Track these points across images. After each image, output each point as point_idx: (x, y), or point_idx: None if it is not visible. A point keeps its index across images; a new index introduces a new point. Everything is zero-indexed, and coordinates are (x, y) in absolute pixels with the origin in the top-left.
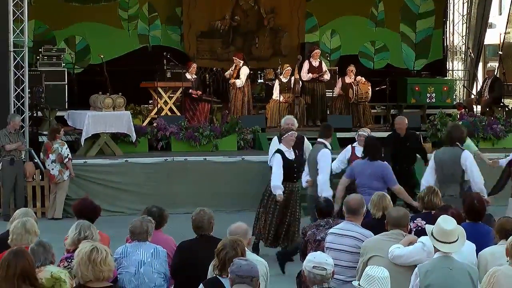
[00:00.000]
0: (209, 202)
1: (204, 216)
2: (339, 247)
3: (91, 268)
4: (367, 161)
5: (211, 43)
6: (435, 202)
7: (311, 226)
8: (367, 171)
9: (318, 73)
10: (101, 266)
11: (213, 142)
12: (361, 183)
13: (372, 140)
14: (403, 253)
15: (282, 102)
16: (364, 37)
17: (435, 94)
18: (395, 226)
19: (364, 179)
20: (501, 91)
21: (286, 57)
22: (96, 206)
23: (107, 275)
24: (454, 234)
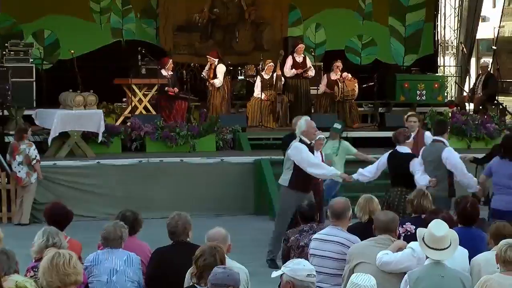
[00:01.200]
0: (186, 206)
1: (179, 220)
2: (323, 254)
3: (55, 273)
4: (507, 161)
5: (189, 37)
6: (425, 206)
7: (294, 231)
8: (507, 171)
9: (302, 69)
10: (65, 269)
11: (190, 143)
12: (498, 182)
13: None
14: (392, 259)
15: (263, 100)
16: (350, 31)
17: (425, 91)
18: (383, 231)
19: (502, 178)
20: (495, 88)
21: (268, 52)
22: (68, 211)
23: (74, 279)
24: (445, 240)
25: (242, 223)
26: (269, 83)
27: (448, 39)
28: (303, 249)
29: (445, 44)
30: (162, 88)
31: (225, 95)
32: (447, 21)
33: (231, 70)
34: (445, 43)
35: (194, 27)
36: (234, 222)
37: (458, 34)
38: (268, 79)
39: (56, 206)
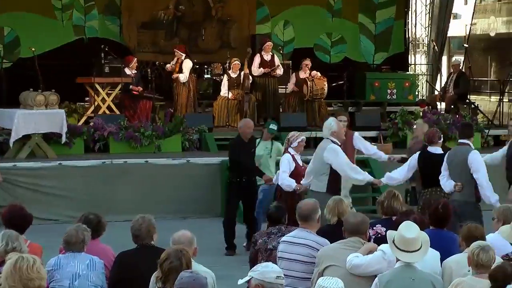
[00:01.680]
0: (151, 208)
1: (143, 223)
2: (291, 257)
3: (17, 278)
4: None
5: (154, 35)
6: (395, 207)
7: (262, 234)
8: None
9: (270, 68)
10: (28, 273)
11: (155, 143)
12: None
13: None
14: (362, 262)
15: (231, 99)
16: (319, 28)
17: (396, 90)
18: (353, 233)
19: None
20: (467, 87)
21: (235, 50)
22: (27, 214)
23: (37, 284)
24: (416, 242)
25: (208, 226)
26: (236, 82)
27: (419, 37)
28: (271, 252)
29: (416, 42)
30: (126, 87)
31: (191, 94)
32: (418, 19)
33: (197, 68)
34: (416, 41)
35: (158, 24)
36: (200, 225)
37: (429, 31)
38: (235, 77)
39: (13, 208)
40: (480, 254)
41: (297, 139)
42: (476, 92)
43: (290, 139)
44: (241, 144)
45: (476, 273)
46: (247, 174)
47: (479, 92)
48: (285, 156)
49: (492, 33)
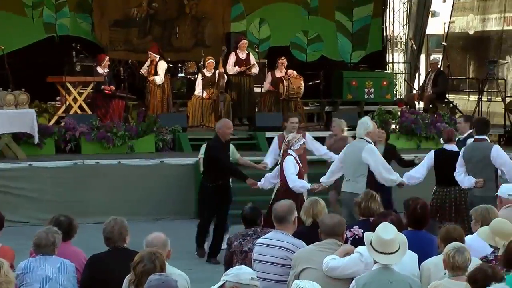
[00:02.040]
0: (123, 210)
1: (115, 226)
2: (267, 259)
3: None
4: None
5: (126, 33)
6: (373, 208)
7: (237, 236)
8: None
9: (246, 66)
10: None
11: (128, 143)
12: None
13: None
14: (339, 264)
15: (205, 98)
16: (296, 26)
17: (373, 89)
18: (329, 235)
19: None
20: (445, 86)
21: (209, 48)
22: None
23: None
24: (394, 244)
25: (182, 228)
26: (211, 80)
27: (396, 35)
28: (246, 254)
29: (394, 40)
30: (98, 86)
31: (165, 94)
32: (395, 16)
33: (171, 67)
34: (393, 39)
35: (131, 22)
36: (174, 227)
37: (407, 29)
38: (209, 76)
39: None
40: (456, 256)
41: (298, 141)
42: (455, 91)
43: (291, 142)
44: (220, 145)
45: (452, 276)
46: (224, 177)
47: (458, 91)
48: (289, 158)
49: (470, 31)
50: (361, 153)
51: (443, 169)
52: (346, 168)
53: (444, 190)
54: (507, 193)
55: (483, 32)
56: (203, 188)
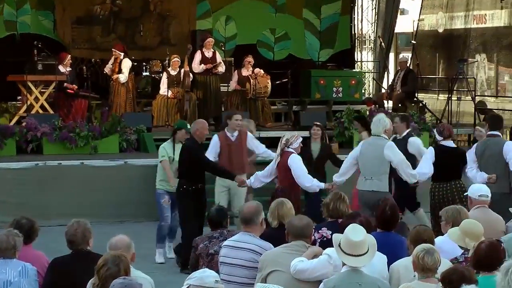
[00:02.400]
0: (87, 212)
1: (78, 228)
2: (234, 262)
3: None
4: None
5: (89, 31)
6: (342, 210)
7: (203, 239)
8: None
9: (212, 65)
10: None
11: (91, 144)
12: None
13: None
14: (307, 267)
15: (170, 97)
16: (263, 24)
17: (342, 88)
18: (297, 237)
19: None
20: (414, 85)
21: (175, 46)
22: None
23: None
24: (363, 246)
25: (147, 230)
26: (176, 79)
27: (365, 33)
28: (212, 257)
29: (363, 38)
30: (61, 85)
31: (129, 93)
32: (364, 14)
33: (135, 66)
34: (362, 37)
35: (94, 19)
36: (138, 229)
37: (376, 27)
38: (175, 75)
39: None
40: (425, 258)
41: (297, 140)
42: (424, 90)
43: (290, 140)
44: (198, 147)
45: (422, 277)
46: (203, 179)
47: (427, 90)
48: (295, 157)
49: (440, 29)
50: (383, 150)
51: (441, 165)
52: (365, 166)
53: (442, 186)
54: (477, 194)
55: (452, 30)
56: (182, 194)
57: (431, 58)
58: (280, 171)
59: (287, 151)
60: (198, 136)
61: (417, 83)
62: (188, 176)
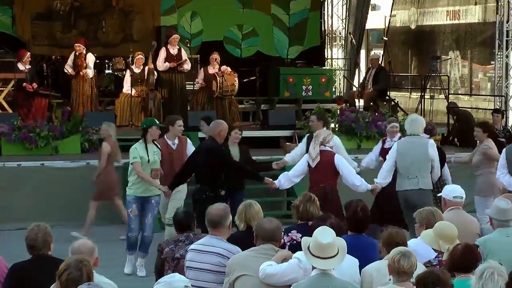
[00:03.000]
0: (47, 215)
1: (38, 232)
2: (201, 266)
3: None
4: None
5: (49, 27)
6: (311, 212)
7: (169, 242)
8: None
9: (177, 62)
10: None
11: (52, 144)
12: None
13: None
14: (276, 271)
15: (134, 96)
16: (230, 20)
17: (311, 87)
18: (265, 240)
19: None
20: (386, 83)
21: (138, 43)
22: None
23: None
24: (332, 248)
25: (111, 234)
26: (140, 77)
27: (335, 29)
28: (178, 261)
29: (333, 35)
30: (20, 83)
31: (91, 91)
32: (334, 10)
33: (97, 63)
34: (332, 34)
35: (55, 15)
36: (102, 233)
37: (346, 24)
38: (138, 73)
39: None
40: (401, 261)
41: (331, 137)
42: (396, 88)
43: (327, 139)
44: (221, 148)
45: (397, 281)
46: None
47: (400, 88)
48: (340, 156)
49: (412, 25)
50: (428, 149)
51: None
52: (408, 166)
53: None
54: (451, 195)
55: (425, 26)
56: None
57: (403, 55)
58: (319, 171)
59: (325, 150)
60: (221, 137)
61: (389, 81)
62: (212, 181)
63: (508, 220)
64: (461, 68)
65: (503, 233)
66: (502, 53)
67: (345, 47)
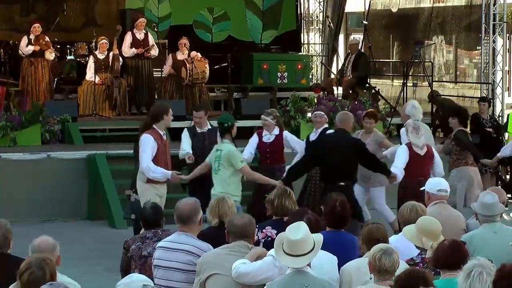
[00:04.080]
0: (6, 211)
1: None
2: (169, 265)
3: None
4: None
5: (7, 10)
6: (287, 206)
7: (135, 239)
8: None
9: (143, 48)
10: None
11: (10, 135)
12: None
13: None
14: (250, 269)
15: (98, 84)
16: (199, 3)
17: (287, 74)
18: (238, 236)
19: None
20: (366, 69)
21: (102, 27)
22: None
23: None
24: (303, 245)
25: (74, 231)
26: (104, 64)
27: (312, 13)
28: (146, 259)
29: (309, 19)
30: None
31: (52, 78)
32: None
33: (58, 48)
34: (309, 18)
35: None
36: (64, 230)
37: (324, 6)
38: (102, 59)
39: None
40: (382, 259)
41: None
42: (377, 75)
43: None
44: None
45: (378, 280)
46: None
47: (380, 75)
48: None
49: (394, 8)
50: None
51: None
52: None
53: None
54: (435, 188)
55: (407, 9)
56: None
57: (384, 40)
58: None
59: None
60: (350, 128)
61: (369, 68)
62: (351, 175)
63: (494, 215)
64: (446, 53)
65: (489, 229)
66: (489, 38)
67: (322, 32)
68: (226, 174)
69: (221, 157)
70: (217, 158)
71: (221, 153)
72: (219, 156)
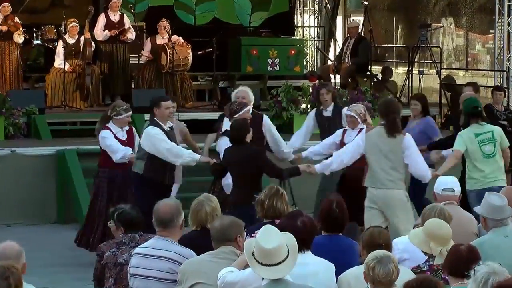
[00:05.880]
0: None
1: None
2: (147, 273)
3: None
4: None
5: None
6: (279, 208)
7: (110, 245)
8: None
9: (119, 31)
10: None
11: None
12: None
13: None
14: (238, 278)
15: (68, 71)
16: None
17: (279, 60)
18: (220, 241)
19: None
20: (367, 55)
21: (71, 8)
22: None
23: None
24: (277, 253)
25: (41, 235)
26: (75, 49)
27: None
28: (122, 267)
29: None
30: None
31: (16, 65)
32: None
33: (23, 32)
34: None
35: None
36: (30, 234)
37: None
38: (73, 44)
39: None
40: (376, 268)
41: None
42: (379, 62)
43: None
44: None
45: None
46: None
47: (383, 62)
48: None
49: None
50: None
51: None
52: None
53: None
54: (440, 188)
55: None
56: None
57: (387, 23)
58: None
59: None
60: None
61: (371, 53)
62: None
63: (505, 219)
64: (456, 38)
65: (500, 234)
66: (503, 20)
67: (318, 14)
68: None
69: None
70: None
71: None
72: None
